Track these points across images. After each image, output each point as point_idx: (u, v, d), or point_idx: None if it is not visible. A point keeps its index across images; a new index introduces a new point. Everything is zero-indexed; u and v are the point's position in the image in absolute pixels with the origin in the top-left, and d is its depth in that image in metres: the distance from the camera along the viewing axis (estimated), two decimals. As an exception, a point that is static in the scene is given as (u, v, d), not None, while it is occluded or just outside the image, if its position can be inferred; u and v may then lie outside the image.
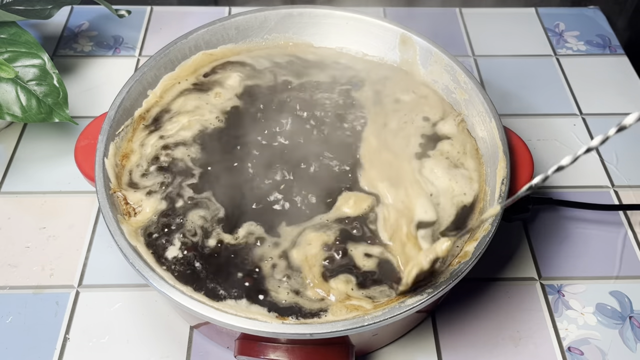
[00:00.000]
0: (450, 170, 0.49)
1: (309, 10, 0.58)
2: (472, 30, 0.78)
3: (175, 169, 0.48)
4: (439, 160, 0.49)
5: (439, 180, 0.48)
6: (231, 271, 0.43)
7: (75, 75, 0.71)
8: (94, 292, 0.53)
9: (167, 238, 0.44)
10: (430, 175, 0.48)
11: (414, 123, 0.52)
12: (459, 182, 0.48)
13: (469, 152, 0.51)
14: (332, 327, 0.38)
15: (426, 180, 0.48)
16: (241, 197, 0.47)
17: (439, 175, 0.48)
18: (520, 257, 0.56)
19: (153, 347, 0.49)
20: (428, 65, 0.56)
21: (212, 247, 0.44)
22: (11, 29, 0.58)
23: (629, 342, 0.50)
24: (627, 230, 0.58)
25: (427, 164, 0.49)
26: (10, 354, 0.49)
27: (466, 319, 0.52)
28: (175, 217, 0.45)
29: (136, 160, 0.49)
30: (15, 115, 0.55)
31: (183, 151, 0.49)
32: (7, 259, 0.54)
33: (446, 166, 0.49)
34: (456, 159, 0.50)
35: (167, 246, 0.44)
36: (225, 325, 0.39)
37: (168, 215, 0.46)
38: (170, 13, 0.80)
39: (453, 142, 0.51)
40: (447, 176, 0.48)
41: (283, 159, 0.49)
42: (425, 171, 0.49)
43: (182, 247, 0.44)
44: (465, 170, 0.49)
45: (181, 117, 0.51)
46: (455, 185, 0.48)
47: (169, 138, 0.50)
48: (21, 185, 0.60)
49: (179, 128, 0.51)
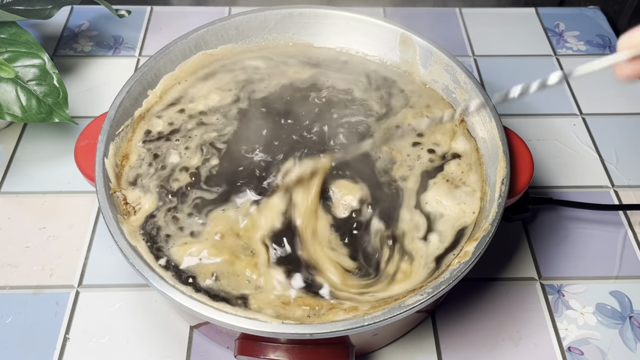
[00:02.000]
0: (454, 194, 0.47)
1: (309, 10, 0.58)
2: (472, 30, 0.78)
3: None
4: (440, 188, 0.48)
5: (448, 210, 0.47)
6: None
7: (75, 75, 0.71)
8: (94, 292, 0.53)
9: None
10: (439, 208, 0.47)
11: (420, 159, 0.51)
12: (467, 202, 0.47)
13: (474, 164, 0.50)
14: (332, 327, 0.38)
15: (436, 213, 0.47)
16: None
17: (447, 204, 0.47)
18: (520, 257, 0.56)
19: (153, 347, 0.49)
20: (428, 65, 0.56)
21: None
22: (11, 29, 0.58)
23: (629, 342, 0.50)
24: (627, 230, 0.58)
25: (430, 196, 0.48)
26: (10, 354, 0.49)
27: (466, 319, 0.52)
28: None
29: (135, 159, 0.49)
30: (15, 115, 0.55)
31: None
32: (7, 259, 0.54)
33: (448, 191, 0.48)
34: (458, 179, 0.49)
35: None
36: (225, 325, 0.39)
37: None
38: (170, 13, 0.80)
39: (461, 161, 0.50)
40: (454, 201, 0.47)
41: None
42: (430, 205, 0.47)
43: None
44: (467, 187, 0.48)
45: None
46: (464, 207, 0.47)
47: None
48: (21, 185, 0.60)
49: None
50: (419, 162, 0.50)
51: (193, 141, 0.50)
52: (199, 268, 0.43)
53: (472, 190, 0.48)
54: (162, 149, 0.50)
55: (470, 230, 0.45)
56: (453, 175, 0.49)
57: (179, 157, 0.49)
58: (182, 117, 0.52)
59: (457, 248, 0.44)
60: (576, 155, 0.64)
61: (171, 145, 0.50)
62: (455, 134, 0.52)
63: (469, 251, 0.42)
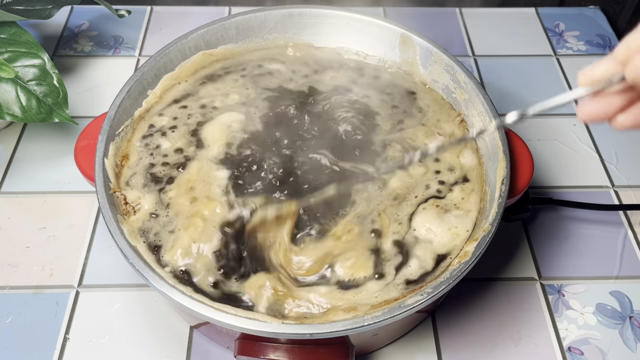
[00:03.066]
0: (444, 219, 0.46)
1: (309, 10, 0.58)
2: (472, 30, 0.78)
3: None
4: (428, 213, 0.46)
5: (438, 237, 0.45)
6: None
7: (75, 75, 0.71)
8: (94, 292, 0.53)
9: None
10: (428, 235, 0.45)
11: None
12: (458, 225, 0.46)
13: (477, 181, 0.48)
14: (332, 327, 0.38)
15: (426, 242, 0.45)
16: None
17: (438, 232, 0.45)
18: (520, 257, 0.56)
19: (153, 347, 0.49)
20: (428, 65, 0.56)
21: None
22: (11, 29, 0.58)
23: (629, 342, 0.50)
24: (627, 230, 0.58)
25: (418, 222, 0.46)
26: (10, 354, 0.49)
27: (466, 319, 0.52)
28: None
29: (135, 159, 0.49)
30: (15, 115, 0.55)
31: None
32: (7, 259, 0.54)
33: (437, 216, 0.46)
34: (452, 204, 0.47)
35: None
36: (225, 325, 0.39)
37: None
38: (170, 13, 0.80)
39: (465, 186, 0.48)
40: (444, 226, 0.45)
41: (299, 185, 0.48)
42: (421, 232, 0.45)
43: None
44: (458, 210, 0.47)
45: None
46: (456, 230, 0.45)
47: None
48: (21, 185, 0.60)
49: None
50: (426, 191, 0.48)
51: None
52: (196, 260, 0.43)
53: (466, 212, 0.46)
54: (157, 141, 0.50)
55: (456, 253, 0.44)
56: (451, 202, 0.47)
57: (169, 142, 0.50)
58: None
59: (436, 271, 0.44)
60: (576, 155, 0.64)
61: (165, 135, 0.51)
62: (462, 150, 0.51)
63: (469, 251, 0.42)
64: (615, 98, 0.29)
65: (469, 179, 0.49)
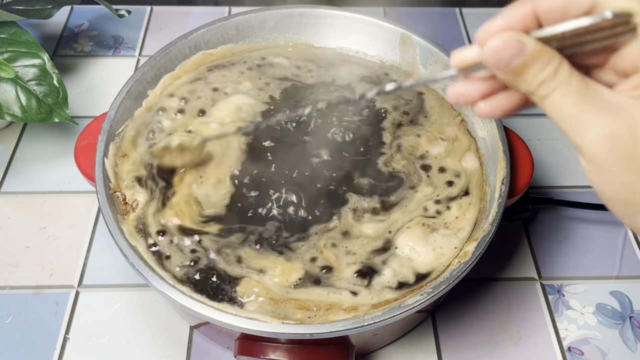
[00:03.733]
0: (429, 238, 0.44)
1: (309, 10, 0.58)
2: (472, 30, 0.78)
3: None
4: (412, 232, 0.45)
5: (422, 257, 0.44)
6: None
7: (75, 75, 0.71)
8: (94, 292, 0.53)
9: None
10: (412, 255, 0.44)
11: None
12: (444, 245, 0.44)
13: (476, 194, 0.47)
14: (332, 327, 0.38)
15: (408, 261, 0.43)
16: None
17: (422, 252, 0.44)
18: (520, 257, 0.56)
19: (153, 347, 0.49)
20: (428, 65, 0.56)
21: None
22: (11, 29, 0.58)
23: (629, 342, 0.50)
24: (627, 230, 0.58)
25: (401, 241, 0.44)
26: (10, 354, 0.49)
27: (466, 319, 0.52)
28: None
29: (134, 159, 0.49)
30: (15, 115, 0.55)
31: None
32: (7, 259, 0.54)
33: (422, 236, 0.45)
34: (443, 224, 0.46)
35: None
36: (225, 325, 0.39)
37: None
38: (170, 13, 0.80)
39: (463, 201, 0.47)
40: (429, 247, 0.44)
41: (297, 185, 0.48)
42: (403, 250, 0.44)
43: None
44: (446, 230, 0.45)
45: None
46: (441, 250, 0.44)
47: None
48: (21, 185, 0.60)
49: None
50: (422, 214, 0.46)
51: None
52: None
53: (457, 230, 0.45)
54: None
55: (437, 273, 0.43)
56: (442, 221, 0.46)
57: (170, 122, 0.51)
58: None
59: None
60: (576, 155, 0.64)
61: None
62: (464, 154, 0.50)
63: (469, 251, 0.42)
64: (480, 84, 0.29)
65: (469, 191, 0.48)
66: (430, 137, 0.51)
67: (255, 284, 0.42)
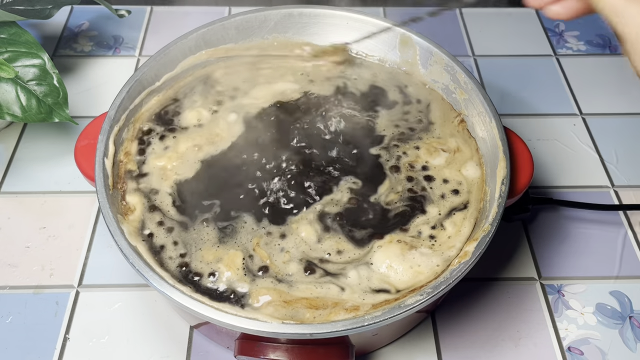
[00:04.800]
0: (406, 256, 0.43)
1: (309, 10, 0.58)
2: (472, 30, 0.78)
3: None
4: (388, 249, 0.44)
5: (399, 275, 0.43)
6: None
7: (75, 75, 0.71)
8: (94, 292, 0.53)
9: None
10: (389, 273, 0.43)
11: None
12: (422, 264, 0.43)
13: (475, 206, 0.47)
14: (332, 327, 0.38)
15: (386, 278, 0.43)
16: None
17: (399, 270, 0.43)
18: (520, 257, 0.56)
19: (153, 347, 0.49)
20: (428, 66, 0.56)
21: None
22: (11, 29, 0.58)
23: (629, 342, 0.50)
24: (627, 230, 0.58)
25: (377, 259, 0.43)
26: (10, 354, 0.49)
27: (466, 319, 0.52)
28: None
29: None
30: (15, 115, 0.55)
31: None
32: (7, 259, 0.54)
33: (400, 253, 0.44)
34: (419, 243, 0.44)
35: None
36: (225, 325, 0.39)
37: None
38: (170, 13, 0.80)
39: (457, 216, 0.46)
40: (406, 264, 0.43)
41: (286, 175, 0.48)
42: (380, 270, 0.43)
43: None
44: (425, 248, 0.44)
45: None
46: (420, 268, 0.43)
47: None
48: (21, 185, 0.60)
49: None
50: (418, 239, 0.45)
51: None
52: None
53: (447, 248, 0.44)
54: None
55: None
56: (425, 242, 0.45)
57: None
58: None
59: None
60: (576, 155, 0.64)
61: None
62: (465, 164, 0.49)
63: (469, 251, 0.42)
64: None
65: (468, 204, 0.47)
66: (431, 148, 0.51)
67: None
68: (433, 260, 0.43)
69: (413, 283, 0.42)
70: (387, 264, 0.43)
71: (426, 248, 0.44)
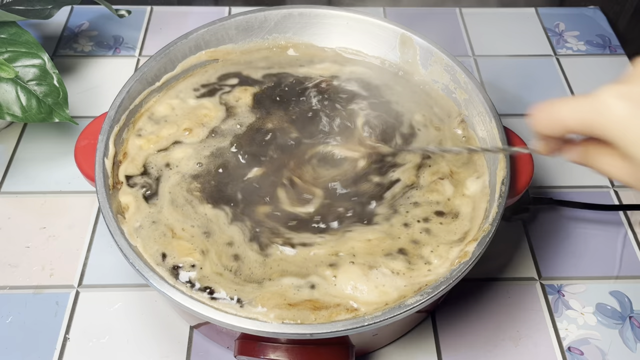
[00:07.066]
0: (369, 275, 0.42)
1: (309, 10, 0.58)
2: (472, 30, 0.78)
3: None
4: (351, 271, 0.42)
5: (364, 295, 0.41)
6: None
7: (75, 75, 0.71)
8: (94, 292, 0.53)
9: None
10: (355, 293, 0.41)
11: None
12: (386, 283, 0.41)
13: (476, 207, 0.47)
14: (332, 327, 0.38)
15: (352, 299, 0.41)
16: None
17: (365, 290, 0.41)
18: (520, 257, 0.56)
19: (153, 347, 0.49)
20: (428, 66, 0.56)
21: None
22: (11, 29, 0.58)
23: (629, 342, 0.50)
24: (627, 230, 0.58)
25: (341, 280, 0.42)
26: (10, 354, 0.49)
27: (466, 319, 0.52)
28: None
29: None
30: (15, 115, 0.55)
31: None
32: (7, 259, 0.54)
33: (362, 274, 0.42)
34: (377, 257, 0.43)
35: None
36: (225, 325, 0.39)
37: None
38: (170, 13, 0.80)
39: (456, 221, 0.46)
40: (371, 284, 0.41)
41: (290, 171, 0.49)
42: (346, 289, 0.41)
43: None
44: (385, 268, 0.42)
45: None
46: (384, 288, 0.41)
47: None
48: (21, 185, 0.60)
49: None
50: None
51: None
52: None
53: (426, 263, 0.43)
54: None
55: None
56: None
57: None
58: None
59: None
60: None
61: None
62: (464, 182, 0.48)
63: (469, 251, 0.42)
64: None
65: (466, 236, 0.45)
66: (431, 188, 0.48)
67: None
68: (397, 283, 0.42)
69: (381, 303, 0.41)
70: (352, 286, 0.42)
71: (385, 268, 0.42)
